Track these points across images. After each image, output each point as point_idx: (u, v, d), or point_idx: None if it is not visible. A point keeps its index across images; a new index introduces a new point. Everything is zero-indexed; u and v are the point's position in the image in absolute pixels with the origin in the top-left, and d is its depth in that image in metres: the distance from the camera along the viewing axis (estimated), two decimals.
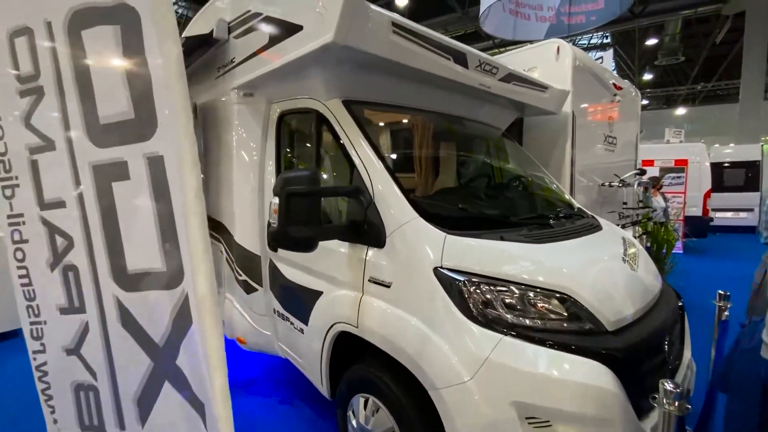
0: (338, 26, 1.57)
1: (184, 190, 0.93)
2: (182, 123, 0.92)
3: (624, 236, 2.29)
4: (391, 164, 1.98)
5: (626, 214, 3.76)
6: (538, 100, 2.87)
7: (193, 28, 3.17)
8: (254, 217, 2.51)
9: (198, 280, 0.94)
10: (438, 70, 2.05)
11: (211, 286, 0.95)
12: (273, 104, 2.47)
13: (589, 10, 9.54)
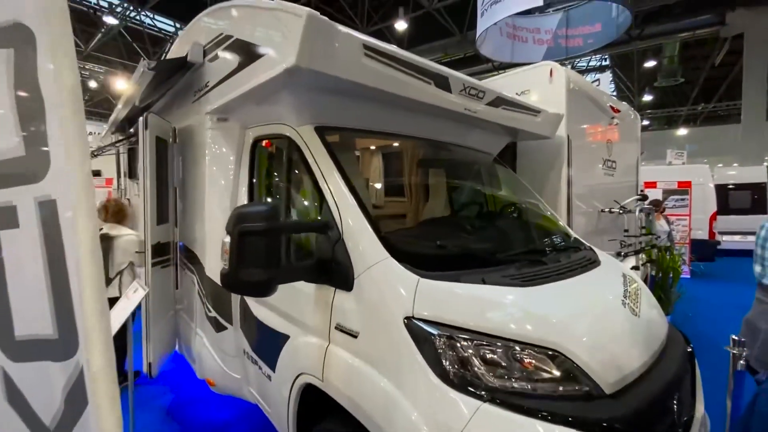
0: (300, 49, 1.44)
1: (78, 242, 0.77)
2: (78, 162, 0.77)
3: (624, 272, 2.09)
4: (365, 196, 1.82)
5: (628, 242, 3.57)
6: (531, 125, 2.73)
7: (174, 51, 3.10)
8: None
9: (93, 351, 0.77)
10: (418, 96, 1.92)
11: (108, 359, 0.78)
12: (248, 129, 2.34)
13: (586, 33, 9.58)
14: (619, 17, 7.83)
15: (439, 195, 2.79)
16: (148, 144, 2.53)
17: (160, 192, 2.80)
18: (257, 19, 1.77)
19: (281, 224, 1.43)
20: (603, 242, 3.59)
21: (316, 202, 1.75)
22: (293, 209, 2.02)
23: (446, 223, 2.48)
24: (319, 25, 1.45)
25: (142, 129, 2.51)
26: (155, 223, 2.65)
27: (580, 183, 3.30)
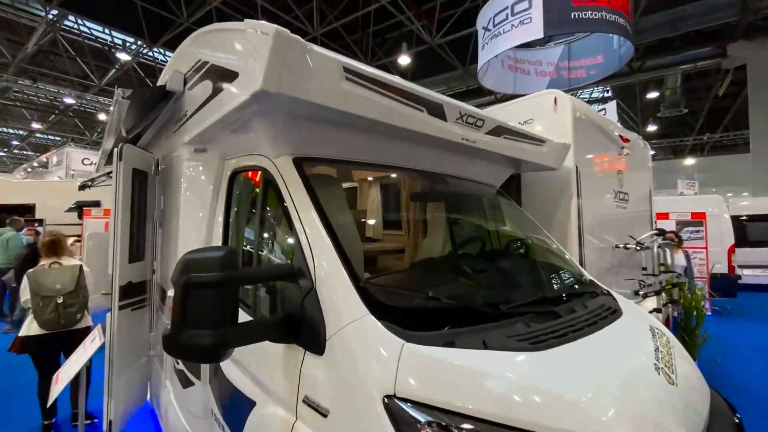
0: (267, 72, 1.25)
1: None
2: None
3: (651, 323, 1.80)
4: (347, 236, 1.59)
5: (647, 282, 3.26)
6: (535, 155, 2.52)
7: (160, 80, 2.99)
8: None
9: None
10: (409, 124, 1.72)
11: None
12: (227, 161, 2.16)
13: (588, 64, 9.61)
14: (621, 48, 7.82)
15: (434, 233, 2.55)
16: (122, 176, 2.35)
17: (137, 227, 2.60)
18: (229, 41, 1.62)
19: (239, 273, 1.19)
20: (619, 281, 3.29)
21: (289, 244, 1.52)
22: (265, 252, 1.78)
23: (441, 267, 2.20)
24: (289, 44, 1.27)
25: (116, 160, 2.34)
26: (126, 261, 2.42)
27: (591, 217, 3.05)
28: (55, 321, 3.21)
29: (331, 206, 1.67)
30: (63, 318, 3.24)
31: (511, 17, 6.14)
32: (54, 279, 3.31)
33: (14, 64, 13.35)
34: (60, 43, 13.30)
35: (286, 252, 1.57)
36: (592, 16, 5.57)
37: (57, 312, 3.22)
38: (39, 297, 3.21)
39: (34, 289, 3.21)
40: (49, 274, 3.34)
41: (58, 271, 3.40)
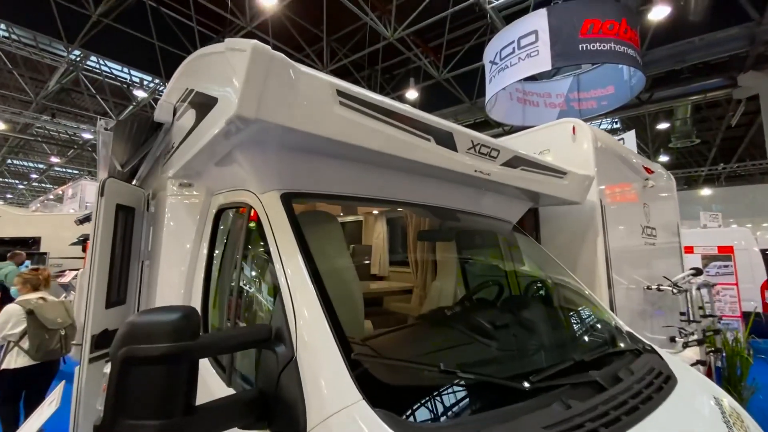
0: (243, 94, 1.06)
1: None
2: None
3: (714, 393, 1.47)
4: (339, 288, 1.34)
5: (688, 330, 2.88)
6: (556, 188, 2.28)
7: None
8: None
9: None
10: (414, 155, 1.51)
11: None
12: (213, 196, 1.96)
13: (599, 95, 9.54)
14: (631, 79, 7.73)
15: (445, 276, 2.28)
16: (102, 212, 2.16)
17: (120, 267, 2.39)
18: (209, 64, 1.46)
19: (197, 343, 0.94)
20: (655, 328, 2.93)
21: (269, 298, 1.27)
22: (243, 307, 1.53)
23: (452, 322, 1.88)
24: (271, 62, 1.08)
25: (98, 195, 2.16)
26: (102, 305, 2.18)
27: (618, 255, 2.75)
28: (59, 351, 3.48)
29: (323, 250, 1.43)
30: (65, 348, 3.49)
31: (518, 50, 6.10)
32: (55, 313, 3.51)
33: (36, 101, 13.88)
34: (82, 81, 13.85)
35: (265, 309, 1.32)
36: (601, 47, 5.49)
37: (61, 343, 3.47)
38: (45, 330, 3.38)
39: (41, 323, 3.36)
40: (47, 308, 3.51)
41: (53, 305, 3.58)
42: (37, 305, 3.44)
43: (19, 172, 26.21)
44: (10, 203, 30.87)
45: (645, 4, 9.10)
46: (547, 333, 1.86)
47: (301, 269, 1.19)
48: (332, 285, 1.25)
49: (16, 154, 21.63)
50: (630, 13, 6.14)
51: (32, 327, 3.31)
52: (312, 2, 9.69)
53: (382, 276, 3.83)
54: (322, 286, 1.15)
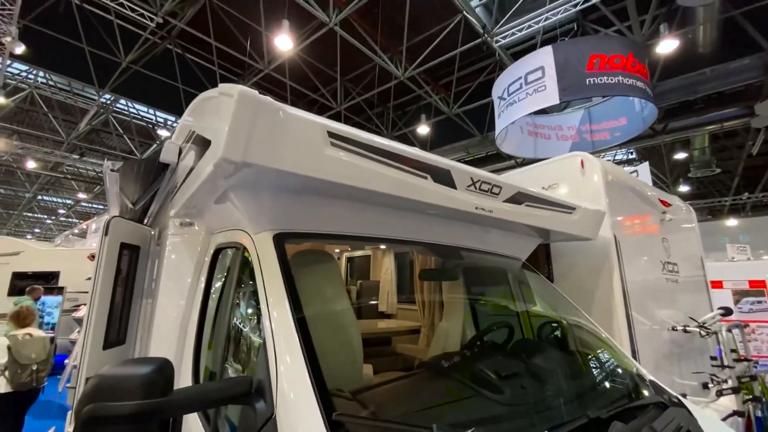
0: (229, 138, 1.06)
1: None
2: None
3: None
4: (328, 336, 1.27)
5: (721, 378, 2.64)
6: (565, 224, 2.19)
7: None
8: None
9: None
10: (410, 193, 1.47)
11: None
12: (213, 235, 1.96)
13: (612, 126, 9.52)
14: (643, 111, 7.70)
15: (451, 319, 2.16)
16: (105, 250, 2.17)
17: (122, 306, 2.37)
18: (207, 107, 1.49)
19: (169, 400, 0.87)
20: (684, 373, 2.70)
21: (255, 348, 1.21)
22: (230, 356, 1.46)
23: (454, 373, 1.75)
24: (257, 106, 1.09)
25: (102, 234, 2.18)
26: (99, 346, 2.14)
27: (638, 293, 2.59)
28: (29, 383, 3.97)
29: (318, 292, 1.38)
30: (35, 381, 4.02)
31: (525, 86, 6.19)
32: (30, 349, 3.98)
33: (68, 141, 14.70)
34: (111, 122, 14.68)
35: (252, 357, 1.25)
36: (608, 81, 5.52)
37: (32, 377, 3.99)
38: (18, 365, 3.87)
39: (14, 358, 3.85)
40: (26, 344, 3.98)
41: (32, 342, 4.05)
42: (15, 341, 3.94)
43: (48, 207, 27.39)
44: (38, 238, 32.09)
45: (653, 39, 9.21)
46: (558, 384, 1.71)
47: (286, 316, 1.14)
48: (324, 330, 1.19)
49: (47, 191, 22.67)
50: (637, 47, 6.20)
51: (9, 360, 3.85)
52: (326, 45, 10.17)
53: (390, 314, 3.71)
54: (307, 335, 1.09)
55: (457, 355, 1.86)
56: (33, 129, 14.52)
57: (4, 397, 3.88)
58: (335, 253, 5.38)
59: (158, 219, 3.04)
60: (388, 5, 9.24)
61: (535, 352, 1.92)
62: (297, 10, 8.39)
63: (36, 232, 33.60)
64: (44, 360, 4.07)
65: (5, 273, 9.39)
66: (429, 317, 2.67)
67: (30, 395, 4.12)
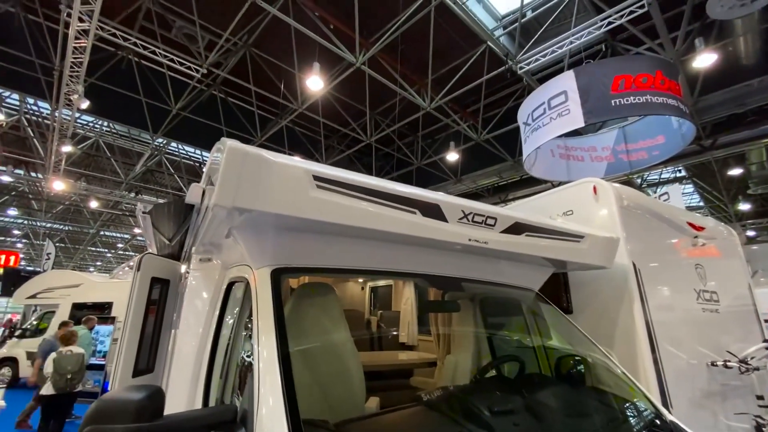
0: (220, 187, 1.20)
1: None
2: None
3: None
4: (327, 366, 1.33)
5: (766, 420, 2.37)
6: (572, 253, 2.14)
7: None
8: None
9: None
10: (399, 228, 1.54)
11: None
12: (227, 270, 2.11)
13: (649, 145, 9.13)
14: (681, 128, 7.35)
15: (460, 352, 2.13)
16: (137, 285, 2.39)
17: (152, 335, 2.57)
18: (214, 156, 1.66)
19: (156, 425, 0.97)
20: (728, 415, 2.45)
21: (248, 377, 1.30)
22: (231, 382, 1.56)
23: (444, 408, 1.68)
24: (244, 158, 1.23)
25: (135, 270, 2.41)
26: (129, 374, 2.33)
27: (666, 325, 2.43)
28: (64, 388, 5.25)
29: (312, 327, 1.45)
30: (69, 387, 5.31)
31: (548, 110, 6.16)
32: (68, 362, 5.30)
33: (126, 181, 16.22)
34: (163, 163, 16.08)
35: (243, 390, 1.34)
36: (635, 101, 5.38)
37: (66, 383, 5.26)
38: (58, 374, 5.21)
39: (56, 368, 5.21)
40: (66, 359, 5.31)
41: (71, 357, 5.37)
42: (60, 356, 5.29)
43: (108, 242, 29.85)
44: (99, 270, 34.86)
45: (688, 54, 8.89)
46: (557, 421, 1.63)
47: (272, 350, 1.22)
48: (318, 364, 1.25)
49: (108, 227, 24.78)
50: (665, 65, 6.03)
51: (53, 370, 5.18)
52: (355, 82, 10.70)
53: (411, 345, 3.68)
54: (289, 370, 1.16)
55: (454, 389, 1.82)
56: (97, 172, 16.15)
57: (49, 398, 5.20)
58: (359, 284, 5.47)
59: (189, 255, 3.30)
60: (413, 42, 9.65)
61: (538, 387, 1.85)
62: (326, 52, 8.97)
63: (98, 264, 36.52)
64: (77, 371, 5.33)
65: (67, 303, 10.29)
66: (443, 349, 2.64)
67: (67, 398, 5.39)
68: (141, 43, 8.73)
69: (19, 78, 9.66)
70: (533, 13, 9.48)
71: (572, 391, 1.89)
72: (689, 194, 19.08)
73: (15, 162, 14.48)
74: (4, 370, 10.20)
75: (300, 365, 1.21)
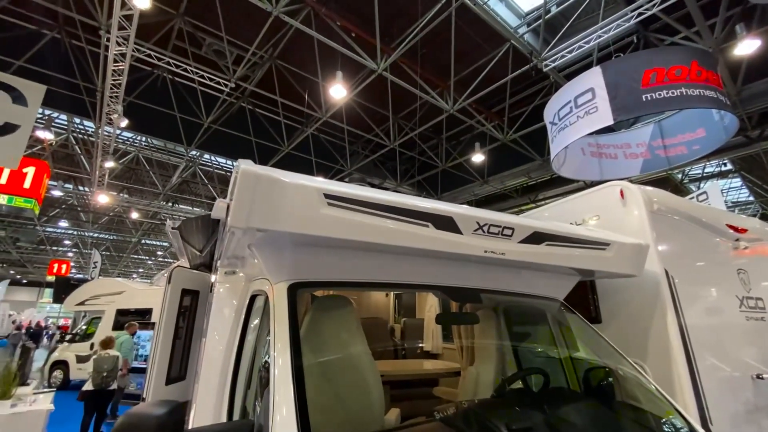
0: (234, 208, 1.26)
1: None
2: None
3: None
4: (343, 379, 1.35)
5: None
6: (597, 262, 2.06)
7: None
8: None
9: None
10: (412, 242, 1.54)
11: None
12: (251, 283, 2.18)
13: (689, 139, 8.62)
14: (723, 120, 6.90)
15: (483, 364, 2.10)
16: (168, 297, 2.51)
17: (183, 345, 2.69)
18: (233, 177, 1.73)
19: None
20: None
21: (265, 391, 1.33)
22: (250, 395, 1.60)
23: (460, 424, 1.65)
24: (257, 180, 1.28)
25: (166, 282, 2.53)
26: (162, 382, 2.44)
27: (704, 336, 2.28)
28: (100, 384, 6.20)
29: (329, 341, 1.48)
30: (104, 384, 6.23)
31: (575, 109, 5.96)
32: (105, 363, 6.28)
33: (164, 192, 17.08)
34: (198, 174, 16.83)
35: (261, 401, 1.38)
36: (669, 94, 5.10)
37: (102, 381, 6.21)
38: (96, 372, 6.22)
39: (95, 368, 6.24)
40: (104, 360, 6.32)
41: (108, 358, 6.36)
42: (99, 358, 6.34)
43: (149, 250, 31.45)
44: (141, 277, 36.80)
45: (728, 41, 8.36)
46: None
47: (287, 364, 1.25)
48: (334, 377, 1.28)
49: (148, 236, 26.13)
50: (701, 54, 5.69)
51: (93, 370, 6.24)
52: (377, 88, 10.78)
53: (435, 354, 3.65)
54: (302, 385, 1.19)
55: (474, 404, 1.78)
56: (137, 184, 17.12)
57: (90, 393, 6.20)
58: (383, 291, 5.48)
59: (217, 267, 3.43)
60: (434, 45, 9.61)
61: (565, 402, 1.78)
62: (348, 61, 9.10)
63: (140, 271, 38.55)
64: (111, 370, 6.32)
65: (112, 310, 10.95)
66: (466, 360, 2.61)
67: (103, 394, 6.35)
68: (174, 61, 9.20)
69: (66, 100, 10.41)
70: (558, 8, 9.22)
71: (601, 407, 1.81)
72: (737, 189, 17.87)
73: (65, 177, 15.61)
74: (56, 373, 10.91)
75: (316, 379, 1.23)
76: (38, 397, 4.63)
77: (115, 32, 6.29)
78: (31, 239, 24.68)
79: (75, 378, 10.74)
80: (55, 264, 23.11)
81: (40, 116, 10.88)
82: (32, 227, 22.26)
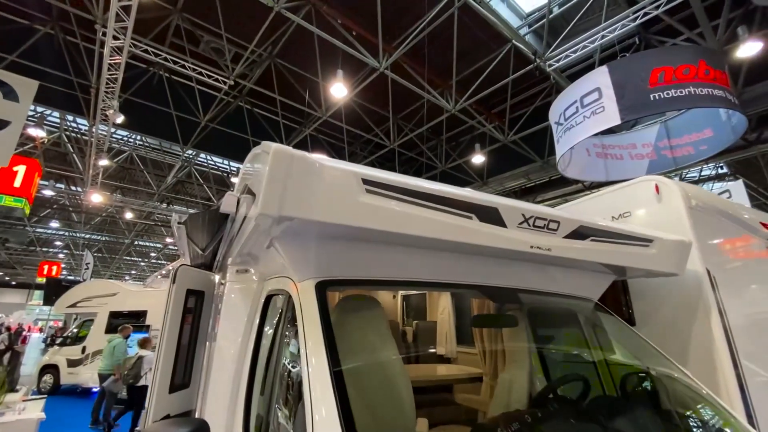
0: (265, 194, 1.09)
1: None
2: None
3: None
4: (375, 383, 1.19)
5: None
6: (641, 259, 1.92)
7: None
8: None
9: None
10: (454, 235, 1.39)
11: None
12: (265, 282, 2.01)
13: (696, 140, 8.55)
14: (731, 119, 6.85)
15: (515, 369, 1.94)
16: (173, 298, 2.33)
17: (187, 350, 2.50)
18: (254, 162, 1.57)
19: None
20: None
21: (295, 396, 1.17)
22: (276, 399, 1.43)
23: None
24: (291, 161, 1.11)
25: (170, 282, 2.35)
26: (166, 390, 2.25)
27: (750, 338, 2.15)
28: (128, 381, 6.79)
29: (362, 340, 1.31)
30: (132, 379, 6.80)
31: (581, 109, 5.87)
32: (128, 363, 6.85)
33: (158, 192, 16.77)
34: (193, 174, 16.54)
35: (290, 406, 1.21)
36: (676, 94, 5.02)
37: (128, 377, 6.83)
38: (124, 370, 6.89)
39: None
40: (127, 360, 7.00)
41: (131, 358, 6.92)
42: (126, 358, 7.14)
43: (142, 251, 30.97)
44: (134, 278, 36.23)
45: (730, 43, 8.35)
46: None
47: (323, 368, 1.09)
48: (367, 382, 1.12)
49: (141, 237, 25.71)
50: (709, 54, 5.63)
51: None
52: (378, 88, 10.65)
53: (449, 358, 3.49)
54: (343, 388, 1.03)
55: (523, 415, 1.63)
56: (131, 184, 16.80)
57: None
58: (390, 292, 5.30)
59: (222, 265, 3.24)
60: (436, 44, 9.51)
61: (617, 412, 1.64)
62: (349, 59, 8.96)
63: (132, 273, 37.95)
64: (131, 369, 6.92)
65: (104, 312, 10.64)
66: (491, 365, 2.45)
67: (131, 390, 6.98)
68: (171, 58, 8.99)
69: (59, 96, 10.14)
70: (560, 9, 9.17)
71: (654, 414, 1.67)
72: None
73: (56, 176, 15.25)
74: (46, 377, 10.51)
75: (351, 385, 1.07)
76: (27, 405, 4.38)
77: (112, 23, 6.08)
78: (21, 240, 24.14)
79: (66, 383, 10.38)
80: (45, 265, 22.59)
81: (31, 113, 10.59)
82: (22, 228, 21.78)
